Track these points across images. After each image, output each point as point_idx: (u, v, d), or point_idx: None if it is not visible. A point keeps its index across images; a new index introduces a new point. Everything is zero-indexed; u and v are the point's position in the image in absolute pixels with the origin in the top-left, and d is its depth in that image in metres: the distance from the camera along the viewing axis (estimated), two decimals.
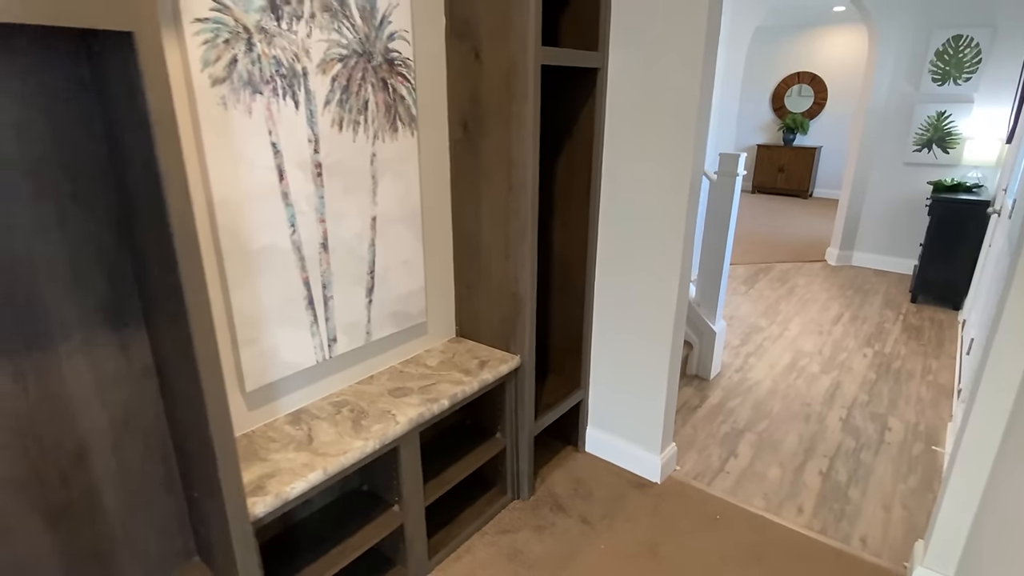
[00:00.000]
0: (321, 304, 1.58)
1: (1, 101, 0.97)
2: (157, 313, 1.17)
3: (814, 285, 4.63)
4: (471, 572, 1.80)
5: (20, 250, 1.04)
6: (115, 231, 1.16)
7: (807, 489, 2.21)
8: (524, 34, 1.58)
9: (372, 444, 1.48)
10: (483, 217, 1.88)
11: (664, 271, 1.98)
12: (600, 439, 2.35)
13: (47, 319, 1.10)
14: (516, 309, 1.90)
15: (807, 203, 8.19)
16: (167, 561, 1.39)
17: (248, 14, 1.25)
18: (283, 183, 1.41)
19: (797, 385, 3.01)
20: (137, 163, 1.01)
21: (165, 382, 1.27)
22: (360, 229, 1.64)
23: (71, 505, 1.20)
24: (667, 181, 1.89)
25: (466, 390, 1.76)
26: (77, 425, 1.18)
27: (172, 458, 1.35)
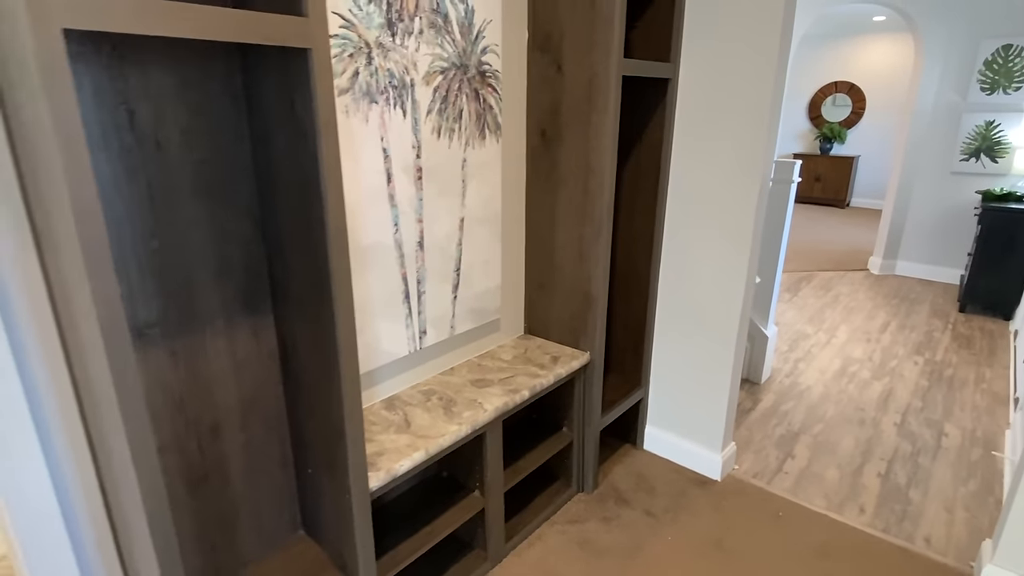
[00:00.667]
0: (415, 298, 1.69)
1: (178, 109, 1.11)
2: (289, 302, 1.30)
3: (858, 294, 4.63)
4: (544, 558, 1.88)
5: (182, 242, 1.17)
6: (253, 226, 1.28)
7: (867, 490, 2.24)
8: (608, 47, 1.69)
9: (465, 429, 1.59)
10: (557, 220, 1.98)
11: (730, 273, 2.05)
12: (659, 437, 2.42)
13: (198, 304, 1.23)
14: (587, 307, 1.99)
15: (845, 213, 8.13)
16: (278, 533, 1.51)
17: (370, 30, 1.38)
18: (390, 186, 1.53)
19: (849, 390, 3.04)
20: (290, 164, 1.14)
21: (288, 367, 1.39)
22: (450, 229, 1.75)
23: (207, 475, 1.33)
24: (736, 186, 1.97)
25: (543, 383, 1.85)
26: (215, 402, 1.31)
27: (287, 437, 1.47)
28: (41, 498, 1.13)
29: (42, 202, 0.89)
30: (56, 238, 0.87)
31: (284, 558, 1.48)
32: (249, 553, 1.46)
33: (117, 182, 1.06)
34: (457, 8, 1.58)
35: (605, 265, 1.92)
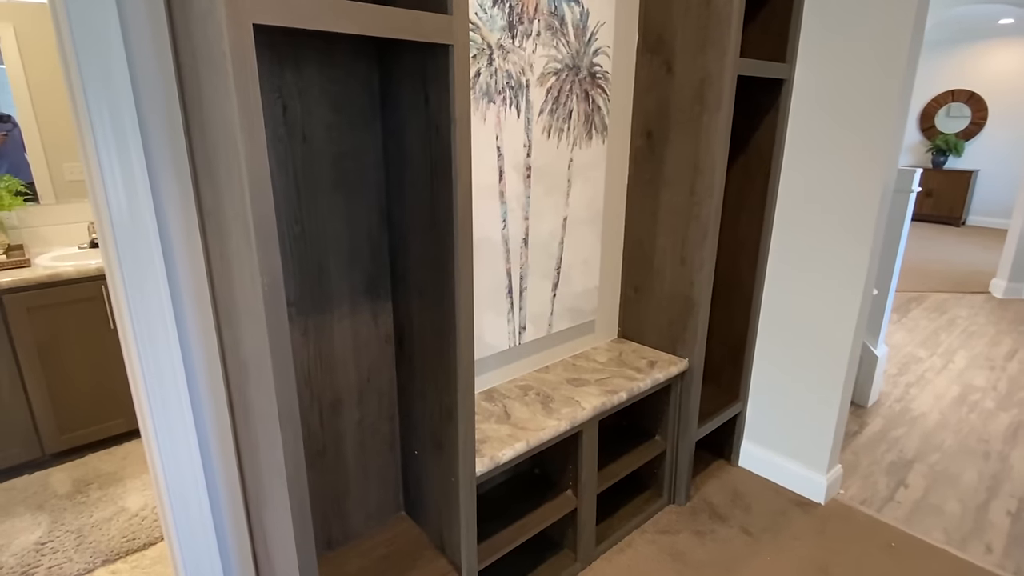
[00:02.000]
0: (517, 294, 1.73)
1: (323, 105, 1.20)
2: (409, 289, 1.36)
3: (979, 318, 4.22)
4: (635, 565, 1.84)
5: (320, 230, 1.27)
6: (379, 216, 1.36)
7: (994, 528, 2.03)
8: (723, 46, 1.66)
9: (564, 425, 1.59)
10: (659, 222, 1.96)
11: (846, 285, 1.94)
12: (756, 454, 2.31)
13: (329, 287, 1.32)
14: (688, 313, 1.95)
15: (960, 231, 7.46)
16: (383, 511, 1.58)
17: (492, 33, 1.43)
18: (501, 183, 1.58)
19: (971, 420, 2.77)
20: (418, 159, 1.20)
21: (402, 351, 1.46)
22: (553, 228, 1.77)
23: (325, 449, 1.41)
24: (855, 193, 1.87)
25: (640, 386, 1.83)
26: (336, 380, 1.39)
27: (396, 419, 1.54)
28: (189, 457, 1.25)
29: (213, 180, 0.99)
30: (224, 213, 0.97)
31: (387, 535, 1.54)
32: (356, 528, 1.53)
33: (271, 171, 1.16)
34: (573, 11, 1.61)
35: (709, 270, 1.88)
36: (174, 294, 1.16)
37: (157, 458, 1.21)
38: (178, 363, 1.18)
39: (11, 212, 2.47)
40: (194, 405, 1.23)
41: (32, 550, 1.90)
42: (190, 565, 1.31)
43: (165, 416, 1.19)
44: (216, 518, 1.32)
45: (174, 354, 1.18)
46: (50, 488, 2.22)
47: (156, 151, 1.08)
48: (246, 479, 1.30)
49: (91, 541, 1.94)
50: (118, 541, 1.94)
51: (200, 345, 1.21)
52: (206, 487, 1.28)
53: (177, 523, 1.27)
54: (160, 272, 1.13)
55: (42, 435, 2.31)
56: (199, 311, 1.19)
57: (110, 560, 1.87)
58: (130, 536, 1.96)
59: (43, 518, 2.05)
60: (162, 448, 1.21)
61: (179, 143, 1.11)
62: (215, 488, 1.30)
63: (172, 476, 1.23)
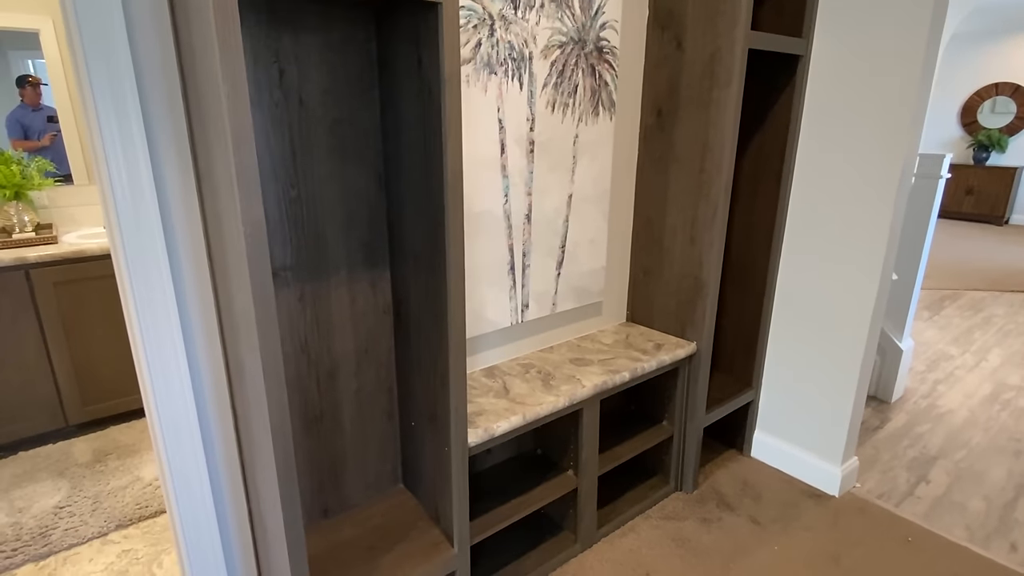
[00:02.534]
0: (520, 271, 1.72)
1: (320, 70, 1.21)
2: (406, 257, 1.36)
3: (1018, 316, 4.04)
4: (637, 549, 1.81)
5: (318, 195, 1.28)
6: (376, 183, 1.37)
7: (1020, 527, 1.93)
8: (734, 18, 1.62)
9: (563, 401, 1.58)
10: (669, 201, 1.92)
11: (863, 270, 1.88)
12: (769, 444, 2.25)
13: (326, 253, 1.33)
14: (697, 294, 1.91)
15: (1002, 230, 7.15)
16: (380, 481, 1.59)
17: (494, 2, 1.43)
18: (503, 156, 1.57)
19: (1001, 418, 2.65)
20: (414, 124, 1.20)
21: (400, 321, 1.46)
22: (558, 205, 1.76)
23: (322, 416, 1.43)
24: (873, 176, 1.80)
25: (645, 367, 1.80)
26: (334, 347, 1.40)
27: (394, 390, 1.55)
28: (187, 421, 1.27)
29: (205, 136, 1.01)
30: (213, 169, 0.99)
31: (384, 506, 1.55)
32: (353, 498, 1.54)
33: (266, 134, 1.18)
34: None
35: (719, 249, 1.83)
36: (172, 258, 1.18)
37: (157, 424, 1.23)
38: (176, 328, 1.21)
39: (42, 192, 2.57)
40: (192, 370, 1.25)
41: (51, 513, 1.97)
42: (190, 531, 1.33)
43: (164, 381, 1.22)
44: (214, 482, 1.35)
45: (172, 318, 1.20)
46: (72, 457, 2.30)
47: (155, 113, 1.10)
48: (242, 442, 1.32)
49: (106, 507, 2.00)
50: (132, 508, 2.00)
51: (197, 308, 1.24)
52: (204, 451, 1.31)
53: (176, 488, 1.29)
54: (158, 236, 1.15)
55: (66, 407, 2.40)
56: (196, 273, 1.22)
57: (123, 525, 1.92)
58: (143, 504, 2.02)
59: (63, 484, 2.13)
60: (161, 414, 1.23)
61: (177, 106, 1.13)
62: (212, 452, 1.32)
63: (171, 440, 1.26)
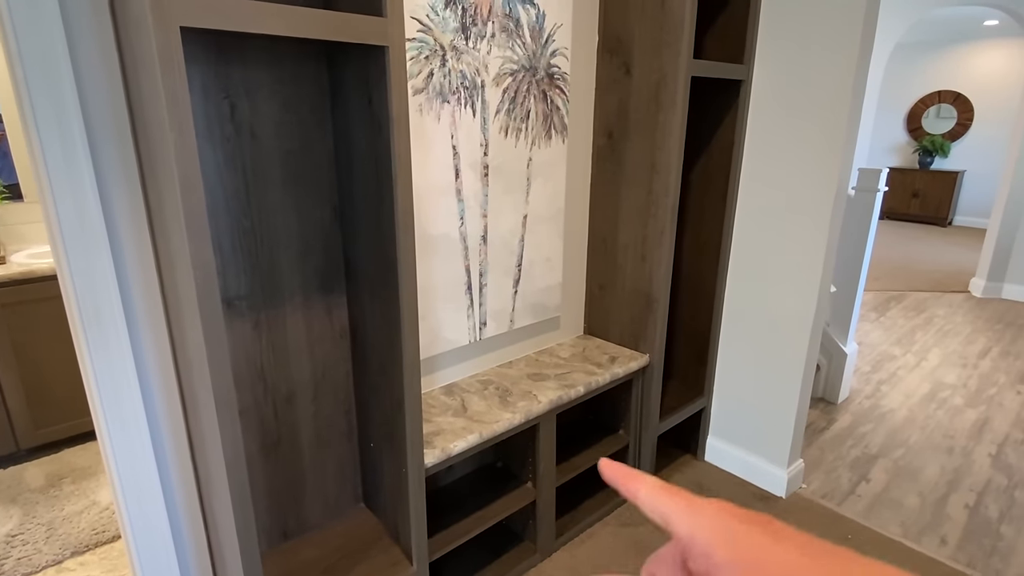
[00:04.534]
0: (477, 290, 1.76)
1: (272, 104, 1.23)
2: (360, 284, 1.40)
3: (956, 316, 4.27)
4: (595, 555, 1.88)
5: (272, 224, 1.30)
6: (331, 212, 1.39)
7: (951, 521, 2.07)
8: (677, 48, 1.70)
9: (519, 417, 1.63)
10: (620, 220, 2.00)
11: (803, 282, 1.98)
12: (721, 449, 2.35)
13: (281, 281, 1.35)
14: (648, 309, 1.99)
15: (946, 232, 7.51)
16: (340, 502, 1.61)
17: (445, 34, 1.47)
18: (458, 181, 1.61)
19: (938, 416, 2.81)
20: (366, 155, 1.24)
21: (357, 345, 1.49)
22: (513, 225, 1.81)
23: (280, 440, 1.45)
24: (811, 192, 1.91)
25: (599, 380, 1.86)
26: (291, 373, 1.43)
27: (353, 412, 1.57)
28: (142, 449, 1.28)
29: (155, 179, 1.02)
30: (164, 210, 1.01)
31: (344, 526, 1.57)
32: (313, 519, 1.56)
33: (218, 167, 1.20)
34: (529, 13, 1.64)
35: (668, 267, 1.91)
36: (124, 294, 1.19)
37: (111, 455, 1.24)
38: (129, 362, 1.21)
39: None
40: (147, 402, 1.26)
41: (2, 542, 1.93)
42: (146, 560, 1.34)
43: (118, 414, 1.22)
44: (170, 509, 1.35)
45: (125, 353, 1.21)
46: (24, 482, 2.25)
47: (104, 154, 1.11)
48: (199, 470, 1.33)
49: (61, 533, 1.97)
50: (88, 534, 1.97)
51: (152, 343, 1.24)
52: (159, 480, 1.31)
53: (132, 519, 1.30)
54: (109, 272, 1.16)
55: (17, 430, 2.34)
56: (149, 310, 1.22)
57: (79, 552, 1.90)
58: (100, 529, 1.99)
59: (15, 511, 2.08)
60: (116, 446, 1.24)
61: (127, 147, 1.14)
62: (168, 480, 1.33)
63: (126, 474, 1.26)
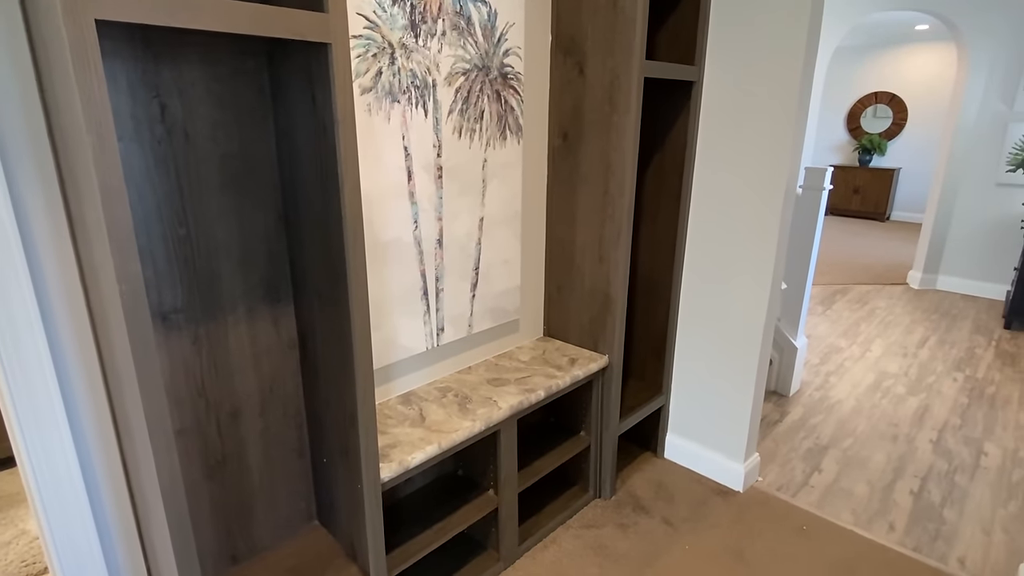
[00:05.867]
0: (434, 296, 1.72)
1: (207, 104, 1.16)
2: (308, 293, 1.33)
3: (896, 308, 4.47)
4: (558, 561, 1.86)
5: (210, 232, 1.22)
6: (276, 219, 1.32)
7: (898, 507, 2.15)
8: (630, 49, 1.69)
9: (479, 425, 1.59)
10: (578, 221, 1.98)
11: (755, 279, 2.02)
12: (680, 446, 2.37)
13: (221, 292, 1.27)
14: (606, 310, 1.98)
15: (884, 226, 7.88)
16: (293, 521, 1.54)
17: (393, 31, 1.41)
18: (411, 183, 1.56)
19: (882, 405, 2.93)
20: (310, 158, 1.17)
21: (306, 356, 1.42)
22: (469, 228, 1.77)
23: (225, 459, 1.37)
24: (761, 191, 1.94)
25: (559, 383, 1.84)
26: (235, 388, 1.35)
27: (304, 426, 1.50)
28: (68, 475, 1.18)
29: (76, 185, 0.94)
30: (86, 219, 0.92)
31: (298, 546, 1.50)
32: (264, 540, 1.49)
33: (148, 172, 1.11)
34: (480, 11, 1.61)
35: (625, 267, 1.91)
36: (44, 308, 1.09)
37: (33, 484, 1.14)
38: (52, 382, 1.11)
39: None
40: (73, 425, 1.16)
41: None
42: None
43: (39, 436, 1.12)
44: (105, 543, 1.25)
45: (47, 371, 1.11)
46: None
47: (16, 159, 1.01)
48: (135, 500, 1.24)
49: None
50: (16, 566, 1.82)
51: (77, 361, 1.15)
52: (91, 511, 1.22)
53: (59, 549, 1.19)
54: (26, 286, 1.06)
55: None
56: (74, 325, 1.13)
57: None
58: (29, 560, 1.85)
59: None
60: (37, 471, 1.13)
61: (44, 152, 1.04)
62: (102, 512, 1.24)
63: (52, 503, 1.16)
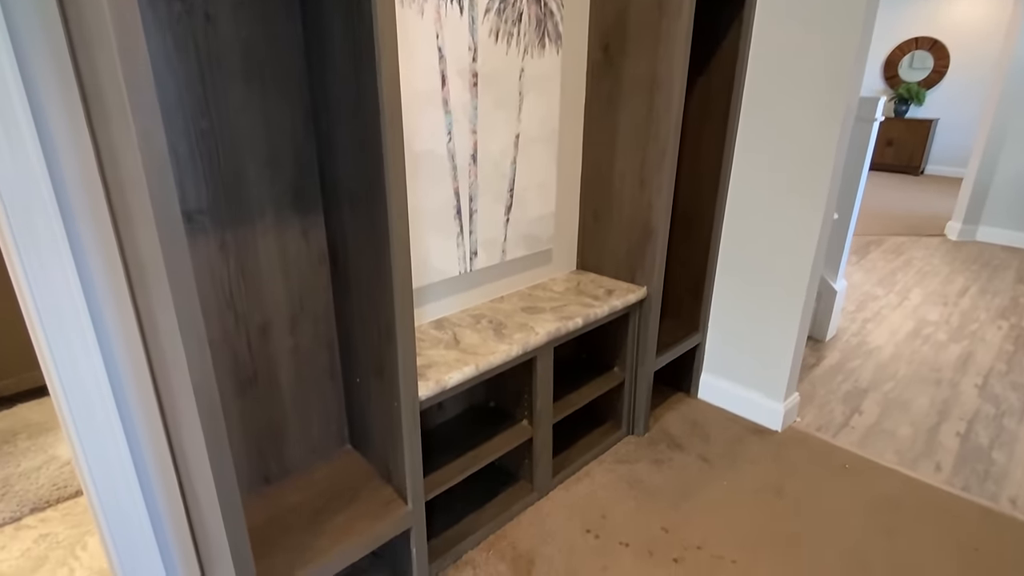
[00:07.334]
0: (467, 216, 1.62)
1: None
2: (340, 200, 1.24)
3: (934, 259, 4.30)
4: (593, 493, 1.82)
5: (233, 128, 1.13)
6: (303, 116, 1.22)
7: (944, 449, 2.07)
8: None
9: (516, 349, 1.52)
10: (618, 143, 1.86)
11: (806, 210, 1.89)
12: (715, 385, 2.30)
13: (248, 195, 1.19)
14: (647, 238, 1.88)
15: (918, 180, 7.58)
16: (325, 444, 1.49)
17: None
18: (444, 89, 1.45)
19: (923, 351, 2.82)
20: (341, 45, 1.06)
21: (337, 272, 1.34)
22: (505, 145, 1.66)
23: (255, 376, 1.31)
24: (818, 113, 1.80)
25: (597, 312, 1.76)
26: (264, 301, 1.28)
27: (336, 347, 1.44)
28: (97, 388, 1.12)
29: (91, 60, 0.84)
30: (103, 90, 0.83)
31: (331, 469, 1.46)
32: (296, 462, 1.45)
33: (167, 54, 1.02)
34: None
35: (668, 192, 1.79)
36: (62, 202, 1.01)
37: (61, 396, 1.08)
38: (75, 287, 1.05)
39: None
40: (99, 332, 1.10)
41: None
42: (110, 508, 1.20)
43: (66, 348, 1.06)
44: (135, 455, 1.21)
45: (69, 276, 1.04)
46: None
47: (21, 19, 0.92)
48: (164, 408, 1.19)
49: (18, 490, 1.82)
50: (48, 489, 1.82)
51: (100, 262, 1.08)
52: (120, 423, 1.17)
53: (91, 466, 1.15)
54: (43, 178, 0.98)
55: None
56: (94, 218, 1.05)
57: (39, 508, 1.75)
58: (61, 484, 1.84)
59: None
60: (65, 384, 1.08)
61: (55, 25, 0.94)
62: (131, 422, 1.19)
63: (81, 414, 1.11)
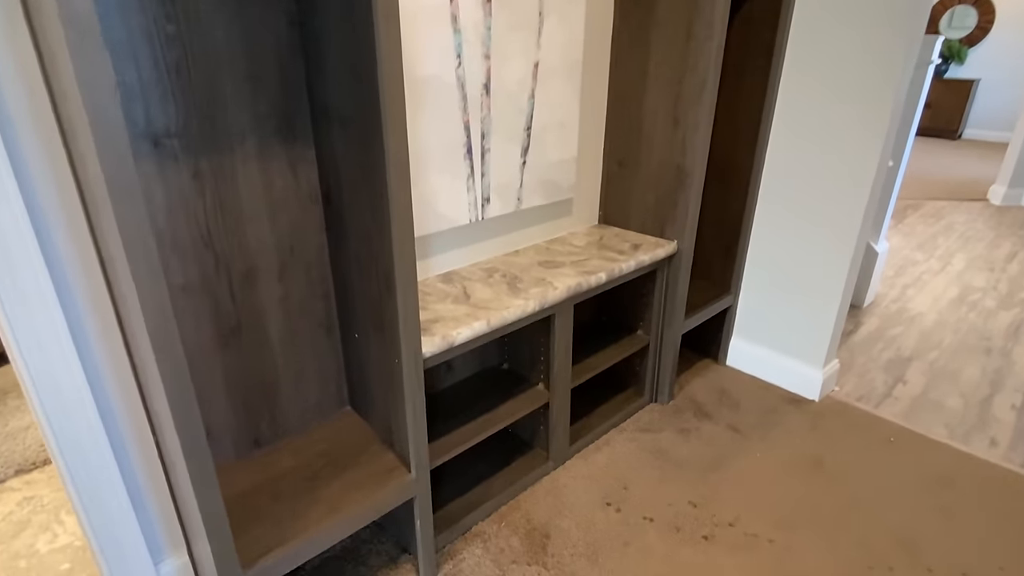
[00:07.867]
0: (479, 156, 1.45)
1: None
2: (333, 129, 1.07)
3: (977, 223, 4.03)
4: (613, 463, 1.68)
5: (206, 36, 0.96)
6: (287, 23, 1.05)
7: (999, 423, 1.89)
8: None
9: (532, 305, 1.36)
10: (649, 76, 1.66)
11: (859, 156, 1.68)
12: (746, 351, 2.13)
13: (226, 118, 1.03)
14: (679, 185, 1.69)
15: (956, 145, 7.18)
16: (322, 405, 1.36)
17: None
18: (453, 4, 1.26)
19: (970, 319, 2.62)
20: None
21: (331, 213, 1.18)
22: (522, 75, 1.47)
23: (239, 326, 1.17)
24: (876, 48, 1.57)
25: (623, 268, 1.59)
26: (248, 243, 1.13)
27: (332, 298, 1.29)
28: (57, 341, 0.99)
29: None
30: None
31: (328, 431, 1.33)
32: (290, 424, 1.31)
33: None
34: None
35: (706, 131, 1.60)
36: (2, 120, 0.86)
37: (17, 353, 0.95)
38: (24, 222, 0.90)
39: None
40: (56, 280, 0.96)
41: None
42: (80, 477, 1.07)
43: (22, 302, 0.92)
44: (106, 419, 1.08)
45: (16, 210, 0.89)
46: None
47: None
48: (135, 363, 1.06)
49: (4, 450, 1.72)
50: (35, 450, 1.72)
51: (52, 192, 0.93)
52: (88, 385, 1.03)
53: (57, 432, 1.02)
54: None
55: None
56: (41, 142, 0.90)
57: (24, 470, 1.66)
58: None
59: None
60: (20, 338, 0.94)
61: None
62: (99, 382, 1.05)
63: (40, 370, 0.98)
